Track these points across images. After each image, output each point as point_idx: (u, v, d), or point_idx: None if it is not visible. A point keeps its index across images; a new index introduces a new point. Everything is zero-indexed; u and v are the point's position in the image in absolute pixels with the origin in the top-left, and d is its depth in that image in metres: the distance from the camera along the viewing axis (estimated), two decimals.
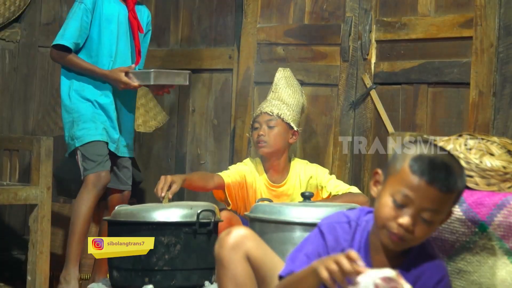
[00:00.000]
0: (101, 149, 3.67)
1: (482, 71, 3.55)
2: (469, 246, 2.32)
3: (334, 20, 4.10)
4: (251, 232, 2.33)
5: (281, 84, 3.80)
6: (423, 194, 1.94)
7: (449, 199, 1.97)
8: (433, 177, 1.93)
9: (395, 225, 1.96)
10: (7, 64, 4.57)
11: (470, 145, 2.48)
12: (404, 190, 1.95)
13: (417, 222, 1.96)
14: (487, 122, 3.50)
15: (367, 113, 3.95)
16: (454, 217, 2.32)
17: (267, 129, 3.67)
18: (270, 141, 3.66)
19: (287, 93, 3.77)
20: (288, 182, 3.71)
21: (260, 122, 3.70)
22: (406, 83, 3.84)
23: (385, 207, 1.99)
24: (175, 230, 3.13)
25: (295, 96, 3.79)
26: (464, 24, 3.64)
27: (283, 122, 3.69)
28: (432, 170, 1.94)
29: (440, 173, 1.94)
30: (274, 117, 3.68)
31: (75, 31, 3.70)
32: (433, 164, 1.95)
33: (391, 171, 2.01)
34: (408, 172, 1.95)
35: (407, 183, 1.95)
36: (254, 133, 3.73)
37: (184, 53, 4.70)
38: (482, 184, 2.38)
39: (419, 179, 1.94)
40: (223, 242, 2.28)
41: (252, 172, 3.72)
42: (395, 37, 3.87)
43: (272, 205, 3.11)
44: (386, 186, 2.01)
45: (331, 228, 2.10)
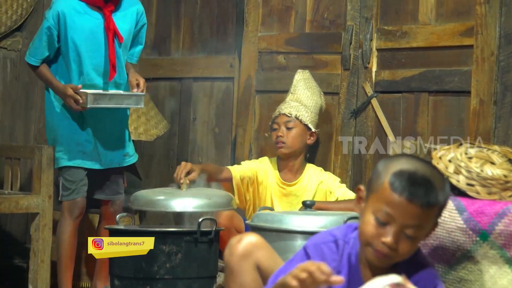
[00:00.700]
0: (75, 175, 3.64)
1: (482, 79, 3.55)
2: (470, 255, 2.32)
3: (335, 29, 4.11)
4: (262, 240, 2.30)
5: (299, 86, 3.87)
6: (405, 212, 1.91)
7: (431, 213, 1.94)
8: (413, 194, 1.90)
9: (379, 243, 1.94)
10: (8, 73, 4.57)
11: (471, 154, 2.48)
12: (385, 208, 1.92)
13: (401, 239, 1.93)
14: (488, 131, 3.50)
15: (368, 121, 3.95)
16: (455, 226, 2.32)
17: (285, 130, 3.76)
18: (288, 142, 3.75)
19: (306, 94, 3.84)
20: (299, 183, 3.77)
21: (278, 123, 3.79)
22: (407, 92, 3.84)
23: (368, 225, 1.96)
24: (176, 238, 3.13)
25: (313, 97, 3.86)
26: (464, 33, 3.65)
27: (301, 123, 3.78)
28: (412, 186, 1.91)
29: (420, 189, 1.90)
30: (292, 119, 3.77)
31: (39, 48, 3.65)
32: (413, 180, 1.91)
33: (372, 188, 1.98)
34: (388, 190, 1.92)
35: (388, 201, 1.92)
36: (273, 133, 3.82)
37: (185, 61, 4.71)
38: (483, 193, 2.38)
39: (399, 197, 1.91)
40: (233, 249, 2.26)
41: (265, 169, 3.81)
42: (396, 46, 3.88)
43: (273, 214, 3.12)
44: (368, 204, 1.98)
45: (317, 249, 2.07)
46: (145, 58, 4.83)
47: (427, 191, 1.91)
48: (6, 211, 3.69)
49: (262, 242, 2.30)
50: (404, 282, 1.79)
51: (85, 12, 3.60)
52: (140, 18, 3.80)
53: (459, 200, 2.36)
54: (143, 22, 3.83)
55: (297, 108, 3.79)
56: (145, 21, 3.84)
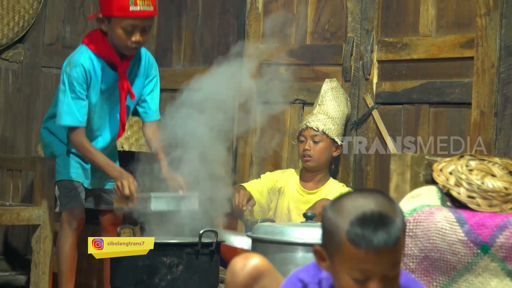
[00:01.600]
0: (71, 185, 3.56)
1: (483, 91, 3.55)
2: (471, 267, 2.32)
3: (336, 41, 4.12)
4: (267, 264, 2.20)
5: (327, 96, 3.88)
6: (379, 261, 1.77)
7: (401, 244, 1.82)
8: (377, 243, 1.75)
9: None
10: (10, 85, 4.58)
11: (471, 166, 2.48)
12: (357, 266, 1.78)
13: (386, 282, 1.81)
14: (488, 143, 3.50)
15: (369, 132, 3.95)
16: (456, 238, 2.32)
17: (312, 144, 3.80)
18: (315, 155, 3.80)
19: (333, 105, 3.86)
20: (319, 193, 3.80)
21: (305, 136, 3.83)
22: (407, 103, 3.85)
23: (346, 286, 1.81)
24: (177, 250, 3.13)
25: (340, 108, 3.88)
26: (465, 45, 3.66)
27: (327, 137, 3.80)
28: (372, 234, 1.76)
29: (381, 233, 1.76)
30: (319, 133, 3.80)
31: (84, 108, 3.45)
32: (370, 227, 1.76)
33: (332, 247, 1.82)
34: (351, 248, 1.77)
35: (357, 259, 1.77)
36: (299, 146, 3.86)
37: (186, 73, 4.71)
38: (484, 205, 2.38)
39: (366, 252, 1.76)
40: (236, 275, 2.15)
41: (287, 178, 3.88)
42: (396, 57, 3.89)
43: (274, 226, 3.12)
44: (337, 265, 1.82)
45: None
46: None
47: (388, 230, 1.77)
48: (7, 222, 3.68)
49: (267, 266, 2.19)
50: None
51: (103, 69, 3.47)
52: (149, 68, 3.66)
53: (460, 213, 2.36)
54: (153, 74, 3.69)
55: (324, 121, 3.81)
56: (155, 72, 3.69)
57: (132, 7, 3.30)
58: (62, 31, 4.80)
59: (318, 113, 3.85)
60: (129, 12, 3.30)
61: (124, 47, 3.40)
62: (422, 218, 2.35)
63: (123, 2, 3.29)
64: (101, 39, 3.43)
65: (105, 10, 3.36)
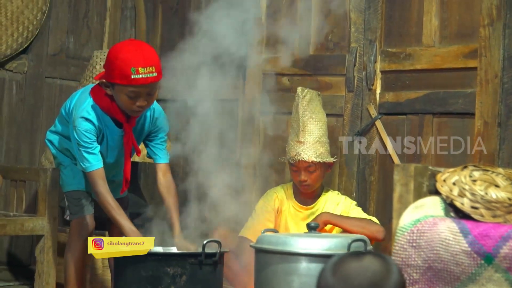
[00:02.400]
0: (81, 195, 3.56)
1: (487, 101, 3.55)
2: (475, 278, 2.31)
3: (339, 51, 4.13)
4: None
5: (306, 115, 3.73)
6: None
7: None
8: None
9: None
10: (14, 95, 4.59)
11: (475, 177, 2.48)
12: None
13: None
14: (492, 153, 3.50)
15: (372, 143, 3.95)
16: (460, 249, 2.32)
17: (308, 174, 3.68)
18: (312, 183, 3.70)
19: (314, 124, 3.72)
20: (317, 206, 3.75)
21: (298, 167, 3.69)
22: (411, 113, 3.85)
23: None
24: (181, 261, 3.13)
25: (321, 121, 3.74)
26: (468, 55, 3.66)
27: (321, 163, 3.69)
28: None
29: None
30: (313, 164, 3.67)
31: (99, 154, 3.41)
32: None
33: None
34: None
35: None
36: (293, 174, 3.72)
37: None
38: (488, 216, 2.38)
39: None
40: None
41: (279, 198, 3.78)
42: (400, 68, 3.89)
43: (278, 236, 3.11)
44: None
45: None
46: None
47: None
48: (11, 233, 3.69)
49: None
50: None
51: (108, 124, 3.44)
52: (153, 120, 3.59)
53: (463, 223, 2.36)
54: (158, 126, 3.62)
55: (314, 149, 3.67)
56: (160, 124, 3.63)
57: (134, 75, 3.23)
58: (66, 41, 4.82)
59: (305, 140, 3.69)
60: (131, 80, 3.23)
61: (129, 111, 3.37)
62: (426, 229, 2.35)
63: (125, 71, 3.21)
64: (107, 97, 3.38)
65: (109, 76, 3.30)
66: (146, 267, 3.11)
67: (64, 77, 4.74)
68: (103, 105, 3.38)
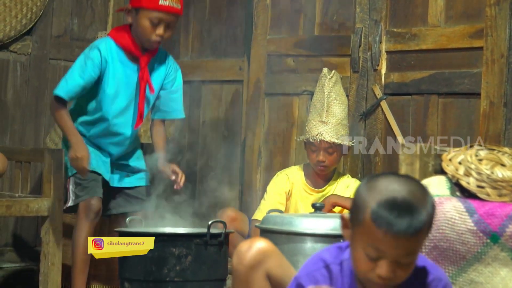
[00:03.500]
0: (92, 176, 3.62)
1: (492, 81, 3.54)
2: (480, 257, 2.31)
3: (344, 31, 4.11)
4: (272, 246, 2.25)
5: (332, 96, 3.73)
6: (394, 246, 1.82)
7: (421, 236, 1.86)
8: (398, 228, 1.80)
9: (375, 276, 1.86)
10: (18, 77, 4.58)
11: (481, 156, 2.47)
12: (373, 244, 1.84)
13: (396, 268, 1.85)
14: (498, 133, 3.49)
15: (378, 123, 3.94)
16: (466, 228, 2.32)
17: (326, 155, 3.68)
18: (330, 164, 3.70)
19: (338, 105, 3.72)
20: (328, 189, 3.75)
21: (318, 147, 3.68)
22: (416, 94, 3.84)
23: (360, 261, 1.88)
24: (186, 241, 3.13)
25: (344, 104, 3.76)
26: (474, 35, 3.64)
27: (341, 145, 3.69)
28: (395, 219, 1.80)
29: (404, 220, 1.80)
30: (333, 145, 3.67)
31: (77, 87, 3.57)
32: (395, 212, 1.81)
33: (356, 220, 1.89)
34: (371, 226, 1.83)
35: (374, 237, 1.83)
36: (311, 154, 3.70)
37: (194, 64, 4.72)
38: (494, 195, 2.38)
39: (385, 234, 1.81)
40: (242, 257, 2.21)
41: (291, 181, 3.78)
42: (405, 48, 3.88)
43: (283, 216, 3.11)
44: (355, 237, 1.89)
45: (311, 278, 1.97)
46: None
47: (411, 220, 1.81)
48: (16, 214, 3.69)
49: (273, 249, 2.25)
50: None
51: (123, 60, 3.61)
52: (170, 71, 3.77)
53: (469, 202, 2.36)
54: (174, 76, 3.79)
55: (336, 131, 3.67)
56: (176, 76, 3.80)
57: (162, 1, 3.50)
58: (70, 23, 4.80)
59: (328, 120, 3.70)
60: (158, 5, 3.50)
61: (147, 40, 3.56)
62: None
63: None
64: (125, 31, 3.60)
65: (135, 1, 3.54)
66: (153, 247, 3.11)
67: (68, 59, 4.72)
68: (121, 41, 3.58)
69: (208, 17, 4.71)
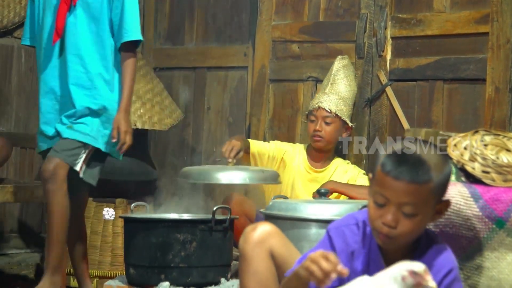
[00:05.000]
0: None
1: (498, 67, 3.53)
2: (486, 242, 2.31)
3: (349, 17, 4.10)
4: (276, 228, 2.35)
5: (339, 75, 3.83)
6: (395, 190, 1.97)
7: (424, 190, 1.97)
8: (398, 172, 1.96)
9: (380, 224, 2.00)
10: (23, 63, 4.59)
11: (486, 141, 2.47)
12: (379, 190, 2.00)
13: (400, 218, 1.98)
14: (503, 118, 3.48)
15: (383, 110, 3.94)
16: (471, 213, 2.31)
17: (323, 125, 3.72)
18: (326, 136, 3.73)
19: (344, 84, 3.82)
20: (326, 171, 3.77)
21: (316, 116, 3.75)
22: (421, 80, 3.83)
23: (370, 209, 2.03)
24: (191, 227, 3.14)
25: (351, 87, 3.84)
26: (480, 20, 3.63)
27: (339, 119, 3.74)
28: (398, 165, 1.97)
29: (405, 167, 1.96)
30: (332, 115, 3.73)
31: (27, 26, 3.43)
32: (400, 159, 1.98)
33: (373, 172, 2.05)
34: (380, 172, 2.00)
35: (380, 183, 1.99)
36: (310, 125, 3.77)
37: (199, 51, 4.71)
38: (499, 180, 2.37)
39: (387, 176, 1.97)
40: (248, 237, 2.30)
41: (294, 153, 3.82)
42: (410, 34, 3.86)
43: (288, 202, 3.11)
44: (371, 188, 2.06)
45: (339, 232, 2.12)
46: (159, 48, 4.84)
47: (413, 168, 1.96)
48: (21, 200, 3.70)
49: (276, 231, 2.33)
50: (423, 273, 1.80)
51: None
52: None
53: (474, 188, 2.35)
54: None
55: (336, 102, 3.74)
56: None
57: None
58: None
59: (330, 92, 3.78)
60: None
61: None
62: None
63: None
64: None
65: None
66: (157, 233, 3.12)
67: None
68: None
69: (213, 4, 4.70)
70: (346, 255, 2.07)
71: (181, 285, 3.10)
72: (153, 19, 4.87)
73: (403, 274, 1.80)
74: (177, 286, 3.10)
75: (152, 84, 4.38)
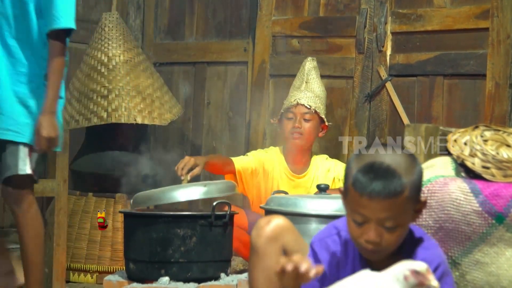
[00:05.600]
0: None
1: (498, 62, 3.53)
2: (486, 237, 2.31)
3: (349, 12, 4.09)
4: (289, 222, 2.31)
5: (312, 74, 3.78)
6: (373, 208, 1.91)
7: (401, 201, 1.92)
8: (372, 190, 1.89)
9: (363, 241, 1.95)
10: None
11: (486, 137, 2.46)
12: (356, 210, 1.93)
13: (383, 232, 1.93)
14: (503, 114, 3.49)
15: (383, 105, 3.94)
16: (471, 208, 2.31)
17: (303, 122, 3.68)
18: (305, 134, 3.68)
19: (317, 84, 3.78)
20: (308, 175, 3.73)
21: (295, 113, 3.70)
22: (421, 75, 3.83)
23: (350, 227, 1.97)
24: (190, 222, 3.14)
25: (323, 88, 3.81)
26: (480, 16, 3.63)
27: (318, 116, 3.70)
28: (370, 182, 1.90)
29: (378, 182, 1.89)
30: (311, 111, 3.68)
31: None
32: (370, 176, 1.90)
33: (345, 188, 1.99)
34: (353, 191, 1.93)
35: (356, 202, 1.93)
36: (287, 123, 3.71)
37: (199, 46, 4.71)
38: (499, 176, 2.37)
39: (361, 197, 1.91)
40: (261, 231, 2.26)
41: (272, 160, 3.75)
42: (410, 29, 3.86)
43: (288, 197, 3.11)
44: (345, 204, 1.99)
45: (323, 244, 2.07)
46: (159, 43, 4.84)
47: (386, 182, 1.89)
48: None
49: (290, 225, 2.30)
50: (425, 272, 1.79)
51: None
52: None
53: (474, 183, 2.35)
54: None
55: (314, 100, 3.70)
56: None
57: None
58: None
59: (306, 90, 3.72)
60: None
61: None
62: (437, 189, 2.35)
63: None
64: None
65: None
66: (157, 228, 3.12)
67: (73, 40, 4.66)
68: None
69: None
70: (332, 266, 2.04)
71: (181, 280, 3.11)
72: (153, 14, 4.86)
73: (405, 274, 1.80)
74: (177, 281, 3.10)
75: (152, 79, 4.38)
